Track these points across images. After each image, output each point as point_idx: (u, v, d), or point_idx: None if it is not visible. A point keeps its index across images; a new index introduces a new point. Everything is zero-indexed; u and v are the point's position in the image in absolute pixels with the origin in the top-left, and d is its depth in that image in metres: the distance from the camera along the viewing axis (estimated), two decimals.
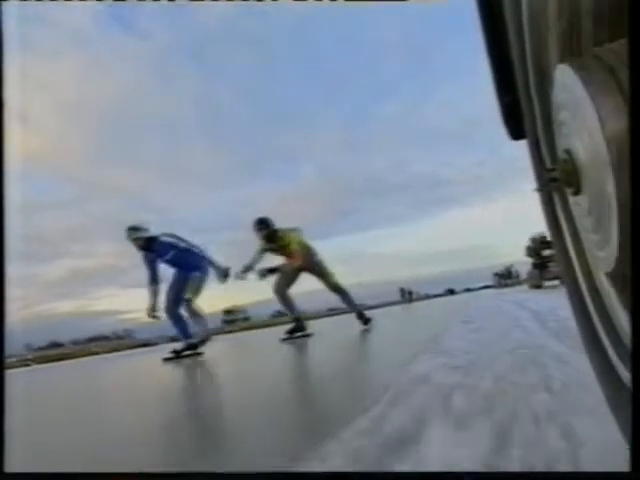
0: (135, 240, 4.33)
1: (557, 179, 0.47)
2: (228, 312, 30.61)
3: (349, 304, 4.68)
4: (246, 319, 30.31)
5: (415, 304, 18.28)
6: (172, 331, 4.47)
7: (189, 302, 4.38)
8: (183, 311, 4.40)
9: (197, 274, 4.41)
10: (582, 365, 0.78)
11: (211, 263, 4.56)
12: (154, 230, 4.50)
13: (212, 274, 4.61)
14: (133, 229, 4.36)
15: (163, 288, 4.43)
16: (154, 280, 4.35)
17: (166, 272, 4.45)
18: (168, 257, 4.35)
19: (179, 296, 4.33)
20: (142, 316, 4.47)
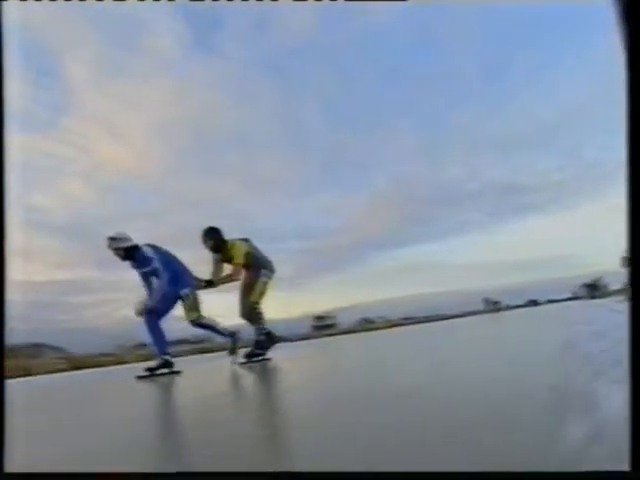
0: (116, 250, 4.01)
1: None
2: (319, 318, 30.51)
3: (255, 330, 4.15)
4: (333, 325, 29.70)
5: (503, 314, 16.43)
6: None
7: (194, 321, 4.09)
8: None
9: (180, 288, 4.07)
10: None
11: (192, 277, 4.22)
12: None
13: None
14: (112, 239, 4.01)
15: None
16: (150, 291, 4.12)
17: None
18: (149, 268, 4.03)
19: (158, 308, 4.00)
20: (220, 321, 4.29)
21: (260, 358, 4.07)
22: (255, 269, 4.15)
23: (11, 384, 9.09)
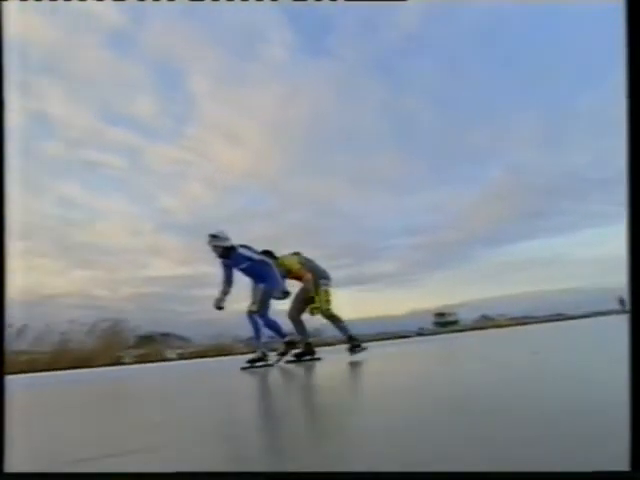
0: (215, 247, 4.23)
1: None
2: (440, 315, 29.91)
3: (341, 330, 4.29)
4: (455, 322, 28.88)
5: None
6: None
7: (251, 313, 4.23)
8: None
9: (262, 285, 4.24)
10: None
11: (278, 279, 4.33)
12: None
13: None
14: (213, 237, 4.24)
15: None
16: (227, 283, 4.34)
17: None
18: (243, 267, 4.27)
19: (259, 306, 4.25)
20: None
21: (357, 351, 4.20)
22: (315, 273, 4.37)
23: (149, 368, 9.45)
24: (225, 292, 4.33)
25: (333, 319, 4.27)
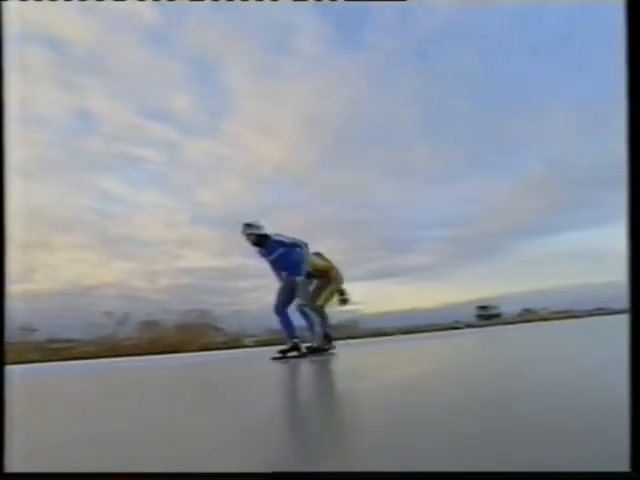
0: (248, 236, 4.24)
1: None
2: (482, 307, 29.62)
3: (324, 327, 4.42)
4: (498, 315, 28.40)
5: None
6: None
7: (301, 307, 4.23)
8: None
9: (299, 278, 4.21)
10: None
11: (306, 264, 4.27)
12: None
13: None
14: (248, 225, 4.26)
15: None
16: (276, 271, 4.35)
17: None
18: (276, 255, 4.25)
19: (282, 297, 4.23)
20: (363, 307, 3.88)
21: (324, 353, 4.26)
22: (324, 278, 4.53)
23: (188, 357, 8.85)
24: (282, 278, 4.37)
25: (322, 316, 4.50)
